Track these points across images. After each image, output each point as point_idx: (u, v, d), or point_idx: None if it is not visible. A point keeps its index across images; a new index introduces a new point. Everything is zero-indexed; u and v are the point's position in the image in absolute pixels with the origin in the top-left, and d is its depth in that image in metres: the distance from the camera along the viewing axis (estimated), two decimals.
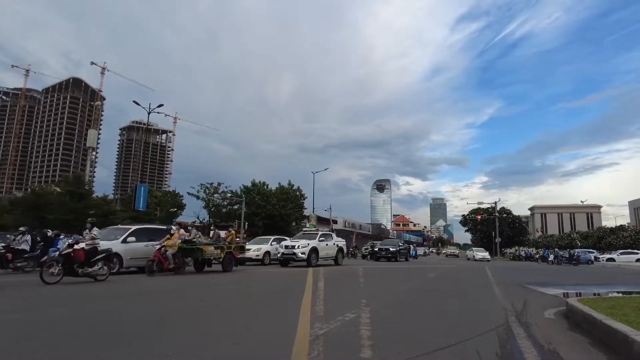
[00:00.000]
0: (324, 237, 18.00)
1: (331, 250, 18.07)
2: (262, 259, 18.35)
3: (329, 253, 17.94)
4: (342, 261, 18.98)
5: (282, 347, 3.36)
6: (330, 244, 18.17)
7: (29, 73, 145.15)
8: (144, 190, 32.12)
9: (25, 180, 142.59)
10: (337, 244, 18.68)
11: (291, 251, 16.28)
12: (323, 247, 17.35)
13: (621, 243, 59.02)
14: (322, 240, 17.62)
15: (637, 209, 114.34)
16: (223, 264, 13.03)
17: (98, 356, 3.12)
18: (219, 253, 12.87)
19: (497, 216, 58.66)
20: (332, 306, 5.55)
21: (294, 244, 16.59)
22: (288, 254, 16.36)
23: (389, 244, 27.58)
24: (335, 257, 18.26)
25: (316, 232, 18.21)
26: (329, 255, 17.88)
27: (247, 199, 46.40)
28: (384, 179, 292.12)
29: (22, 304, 6.01)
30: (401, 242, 28.67)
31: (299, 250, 16.20)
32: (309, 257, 16.11)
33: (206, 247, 12.48)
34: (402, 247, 27.10)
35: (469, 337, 3.79)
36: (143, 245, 12.14)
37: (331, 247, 18.10)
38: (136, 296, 7.12)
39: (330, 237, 18.89)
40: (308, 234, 18.62)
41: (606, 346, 3.51)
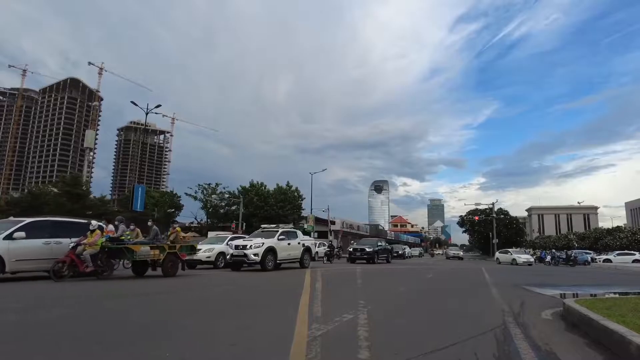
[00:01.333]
0: (285, 235, 15.42)
1: (294, 250, 15.71)
2: (215, 261, 15.87)
3: (292, 254, 15.59)
4: (309, 264, 16.62)
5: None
6: (294, 243, 15.80)
7: (26, 73, 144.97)
8: (142, 191, 32.06)
9: (22, 180, 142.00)
10: (303, 243, 16.31)
11: (242, 252, 14.02)
12: (284, 247, 14.97)
13: (618, 244, 59.28)
14: (283, 238, 15.12)
15: (634, 210, 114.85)
16: (163, 268, 11.19)
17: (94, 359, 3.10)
18: (157, 254, 11.06)
19: (495, 217, 58.83)
20: (326, 309, 5.53)
21: (245, 244, 14.25)
22: (238, 255, 14.09)
23: (365, 243, 24.58)
24: (301, 259, 15.93)
25: (276, 229, 15.93)
26: (291, 256, 15.55)
27: (245, 200, 46.38)
28: (382, 180, 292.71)
29: None
30: (381, 242, 25.16)
31: (250, 251, 13.89)
32: (263, 259, 13.83)
33: (136, 247, 10.64)
34: (381, 246, 23.93)
35: (466, 338, 3.80)
36: (41, 243, 9.68)
37: (295, 247, 15.72)
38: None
39: (295, 235, 16.30)
40: (267, 231, 16.05)
41: (603, 347, 3.52)
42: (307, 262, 16.25)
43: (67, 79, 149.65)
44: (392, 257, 26.22)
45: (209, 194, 50.26)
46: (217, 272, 14.07)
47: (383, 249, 24.21)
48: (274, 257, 14.33)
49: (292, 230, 16.69)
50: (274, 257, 14.32)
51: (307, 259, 16.31)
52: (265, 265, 13.86)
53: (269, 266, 13.99)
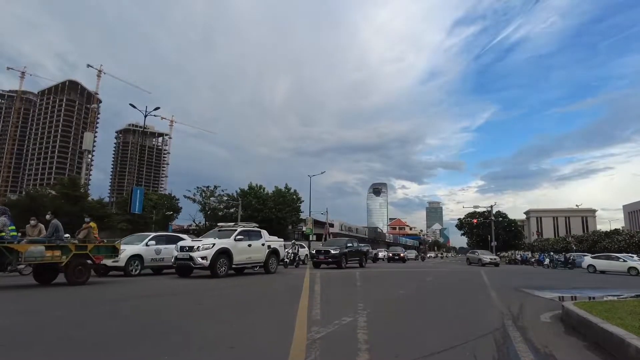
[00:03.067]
0: (244, 235, 13.32)
1: (257, 253, 13.67)
2: (126, 267, 12.43)
3: (254, 257, 13.56)
4: (276, 268, 14.73)
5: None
6: (257, 244, 13.70)
7: (24, 75, 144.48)
8: (140, 193, 31.95)
9: (20, 183, 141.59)
10: (269, 245, 14.30)
11: (187, 255, 11.86)
12: (242, 249, 12.96)
13: (616, 247, 59.39)
14: (241, 239, 13.04)
15: (632, 213, 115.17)
16: (67, 274, 9.11)
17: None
18: (56, 256, 8.89)
19: (493, 220, 58.87)
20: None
21: (192, 245, 12.10)
22: (183, 259, 11.95)
23: (332, 244, 21.11)
24: (265, 263, 13.99)
25: (234, 228, 13.87)
26: (253, 260, 13.55)
27: (244, 203, 46.34)
28: (381, 183, 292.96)
29: None
30: (352, 242, 21.53)
31: (197, 254, 11.71)
32: (213, 263, 11.75)
33: (22, 246, 8.39)
34: (350, 248, 20.39)
35: (465, 341, 3.80)
36: None
37: (257, 249, 13.67)
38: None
39: (258, 235, 14.16)
40: (224, 230, 13.94)
41: (602, 349, 3.52)
42: (273, 267, 14.38)
43: (65, 82, 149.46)
44: (366, 260, 22.65)
45: (208, 197, 50.20)
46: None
47: (354, 250, 20.86)
48: (228, 260, 12.33)
49: (254, 229, 14.47)
50: (228, 261, 12.33)
51: (273, 263, 14.43)
52: (216, 271, 11.82)
53: (221, 272, 11.98)
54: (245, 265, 13.44)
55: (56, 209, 39.04)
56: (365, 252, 22.11)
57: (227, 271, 12.36)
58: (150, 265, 13.50)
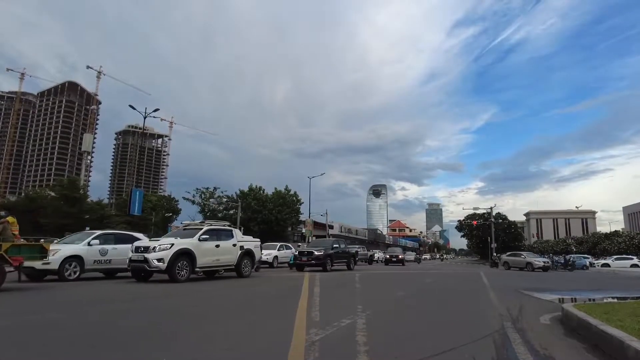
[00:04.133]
0: (211, 235, 12.00)
1: (226, 254, 12.33)
2: (60, 270, 10.62)
3: (223, 259, 12.21)
4: (250, 271, 13.38)
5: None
6: (226, 245, 12.38)
7: (24, 76, 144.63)
8: (140, 195, 31.92)
9: (20, 184, 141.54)
10: (241, 245, 12.94)
11: (142, 256, 10.55)
12: (207, 250, 11.59)
13: (616, 249, 59.40)
14: (207, 238, 11.69)
15: (631, 215, 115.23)
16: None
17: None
18: None
19: (493, 222, 58.88)
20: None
21: (148, 245, 10.81)
22: (137, 261, 10.63)
23: (316, 245, 19.87)
24: (237, 266, 12.68)
25: (199, 227, 12.45)
26: (221, 262, 12.21)
27: (243, 204, 46.31)
28: (380, 184, 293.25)
29: None
30: (338, 243, 20.38)
31: (153, 255, 10.37)
32: (171, 265, 10.43)
33: None
34: (336, 249, 19.17)
35: (465, 343, 3.79)
36: None
37: (226, 250, 12.34)
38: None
39: (228, 234, 12.86)
40: (189, 229, 12.63)
41: (601, 351, 3.52)
42: (246, 270, 13.06)
43: (65, 83, 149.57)
44: (355, 262, 21.37)
45: (207, 198, 50.18)
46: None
47: (341, 252, 19.71)
48: (190, 263, 10.98)
49: (224, 228, 13.16)
50: (189, 264, 10.98)
51: (246, 266, 13.10)
52: (175, 274, 10.49)
53: (181, 276, 10.66)
54: (212, 268, 12.25)
55: (55, 210, 39.02)
56: (353, 254, 21.12)
57: (189, 275, 11.05)
58: (94, 269, 11.73)
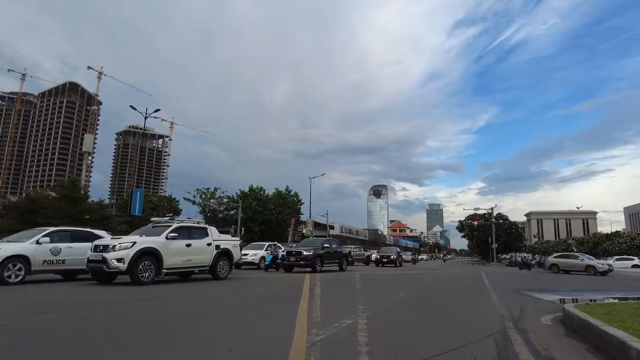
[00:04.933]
0: (181, 233, 10.90)
1: (199, 254, 11.27)
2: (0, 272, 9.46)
3: (195, 260, 11.17)
4: (227, 273, 12.15)
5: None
6: (199, 244, 11.29)
7: (25, 77, 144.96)
8: (140, 195, 31.98)
9: (20, 184, 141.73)
10: (216, 244, 11.80)
11: (100, 256, 9.51)
12: (176, 250, 10.54)
13: (617, 249, 59.26)
14: (175, 237, 10.58)
15: (632, 215, 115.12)
16: None
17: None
18: None
19: (494, 222, 58.83)
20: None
21: (107, 244, 9.76)
22: (95, 260, 9.59)
23: (305, 245, 19.06)
24: (212, 267, 11.61)
25: (169, 224, 11.31)
26: (193, 263, 11.16)
27: (244, 205, 46.31)
28: (381, 185, 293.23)
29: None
30: (329, 243, 19.45)
31: (112, 255, 9.36)
32: (132, 266, 9.39)
33: None
34: (327, 249, 18.25)
35: (466, 343, 3.78)
36: None
37: (199, 250, 11.27)
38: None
39: (202, 233, 11.76)
40: (157, 226, 11.38)
41: (603, 352, 3.51)
42: (223, 271, 11.94)
43: (66, 83, 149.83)
44: (347, 262, 20.58)
45: (208, 199, 50.20)
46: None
47: (332, 252, 18.86)
48: (155, 263, 9.94)
49: (198, 225, 12.10)
50: (155, 264, 9.93)
51: (223, 267, 11.99)
52: (137, 276, 9.48)
53: (145, 277, 9.63)
54: (182, 269, 11.18)
55: (56, 211, 39.03)
56: (345, 254, 20.37)
57: (154, 277, 9.98)
58: (44, 270, 10.40)
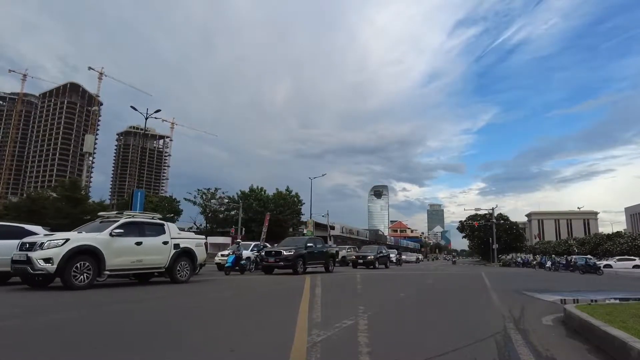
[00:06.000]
0: (130, 229, 9.53)
1: (152, 254, 9.94)
2: None
3: (147, 260, 9.81)
4: (188, 275, 10.84)
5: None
6: (152, 242, 9.97)
7: (26, 78, 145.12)
8: (141, 196, 31.96)
9: (21, 185, 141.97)
10: (175, 243, 10.52)
11: (24, 255, 8.13)
12: (123, 249, 9.18)
13: (618, 249, 59.15)
14: (122, 233, 9.19)
15: (634, 216, 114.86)
16: None
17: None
18: None
19: (495, 222, 58.80)
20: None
21: (35, 241, 8.32)
22: (20, 261, 8.22)
23: (287, 244, 17.43)
24: (170, 269, 10.31)
25: (116, 219, 9.89)
26: (145, 264, 9.79)
27: (245, 205, 46.32)
28: (381, 185, 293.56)
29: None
30: (313, 242, 17.96)
31: (39, 254, 8.00)
32: (62, 268, 8.06)
33: None
34: (311, 249, 16.98)
35: (467, 344, 3.78)
36: None
37: (153, 249, 9.93)
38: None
39: (157, 230, 10.38)
40: (105, 221, 9.93)
41: (604, 353, 3.50)
42: (183, 273, 10.65)
43: (66, 84, 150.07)
44: (334, 263, 19.35)
45: (208, 199, 50.25)
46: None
47: (317, 252, 17.38)
48: (95, 264, 8.57)
49: (152, 221, 10.60)
50: (95, 265, 8.56)
51: (183, 269, 10.68)
52: (70, 279, 8.15)
53: (80, 281, 8.23)
54: (131, 271, 9.84)
55: (57, 211, 39.03)
56: (332, 255, 19.14)
57: (93, 280, 8.56)
58: None
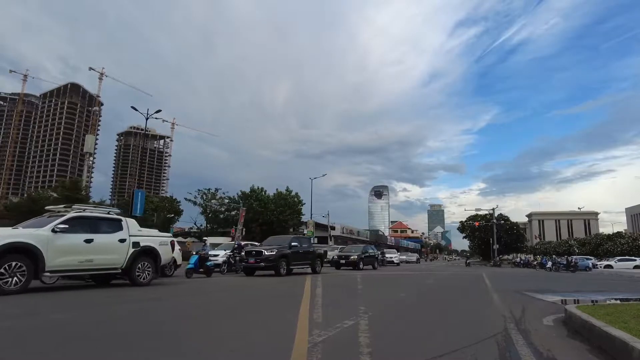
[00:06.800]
0: (78, 225, 8.58)
1: (105, 254, 8.98)
2: None
3: (99, 260, 8.83)
4: (149, 277, 9.84)
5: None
6: (106, 240, 9.03)
7: (26, 78, 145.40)
8: (141, 196, 31.98)
9: (22, 185, 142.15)
10: (134, 241, 9.57)
11: None
12: (69, 247, 8.20)
13: (618, 250, 59.13)
14: (67, 229, 8.20)
15: (634, 216, 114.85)
16: None
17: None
18: None
19: (495, 223, 58.75)
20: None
21: None
22: None
23: (270, 243, 16.42)
24: (127, 269, 9.35)
25: (63, 212, 8.92)
26: (96, 264, 8.80)
27: (245, 205, 46.31)
28: (382, 185, 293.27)
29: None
30: (298, 241, 17.07)
31: None
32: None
33: None
34: (295, 248, 16.12)
35: (467, 344, 3.78)
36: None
37: (105, 248, 8.99)
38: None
39: (113, 226, 9.37)
40: (55, 216, 8.78)
41: (605, 353, 3.50)
42: (143, 276, 9.72)
43: (67, 84, 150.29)
44: (322, 264, 18.10)
45: (209, 199, 50.24)
46: None
47: (302, 252, 16.48)
48: (32, 264, 7.62)
49: (105, 216, 9.53)
50: (32, 265, 7.61)
51: (144, 270, 9.74)
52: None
53: (10, 284, 7.24)
54: (78, 271, 8.70)
55: None
56: (319, 255, 18.03)
57: (28, 282, 7.60)
58: None
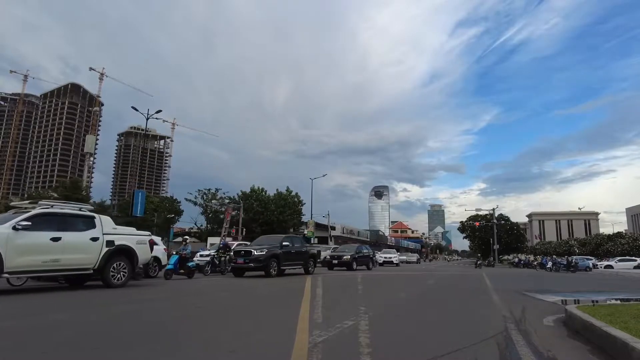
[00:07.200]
0: (44, 222, 8.08)
1: (75, 253, 8.41)
2: None
3: (67, 260, 8.25)
4: (124, 279, 9.33)
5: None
6: (76, 238, 8.49)
7: (27, 78, 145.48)
8: (142, 196, 32.03)
9: (23, 185, 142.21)
10: (108, 240, 9.02)
11: None
12: (32, 246, 7.68)
13: (619, 250, 59.13)
14: (31, 226, 7.67)
15: (635, 216, 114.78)
16: None
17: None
18: None
19: (495, 223, 58.74)
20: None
21: None
22: None
23: (260, 243, 16.07)
24: (101, 269, 8.82)
25: (27, 209, 8.47)
26: (63, 264, 8.20)
27: (245, 205, 46.32)
28: (382, 186, 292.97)
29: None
30: (290, 241, 16.41)
31: None
32: None
33: None
34: (287, 248, 15.57)
35: (468, 344, 3.77)
36: None
37: (75, 247, 8.42)
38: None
39: (84, 223, 8.85)
40: (20, 212, 8.29)
41: (605, 353, 3.50)
42: (118, 277, 9.20)
43: (67, 84, 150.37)
44: (315, 264, 17.51)
45: (209, 200, 50.29)
46: None
47: (294, 252, 15.93)
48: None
49: (76, 213, 8.96)
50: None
51: (118, 271, 9.22)
52: None
53: None
54: (43, 272, 8.16)
55: None
56: (312, 255, 17.40)
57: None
58: None
